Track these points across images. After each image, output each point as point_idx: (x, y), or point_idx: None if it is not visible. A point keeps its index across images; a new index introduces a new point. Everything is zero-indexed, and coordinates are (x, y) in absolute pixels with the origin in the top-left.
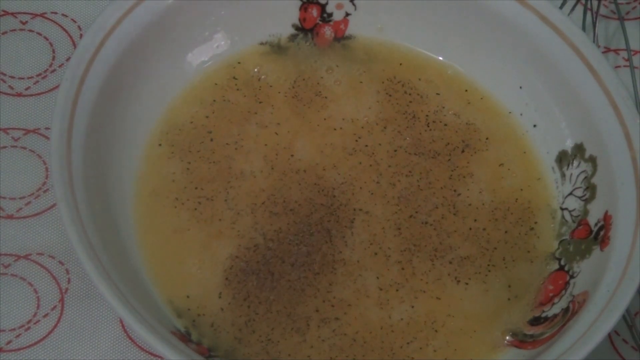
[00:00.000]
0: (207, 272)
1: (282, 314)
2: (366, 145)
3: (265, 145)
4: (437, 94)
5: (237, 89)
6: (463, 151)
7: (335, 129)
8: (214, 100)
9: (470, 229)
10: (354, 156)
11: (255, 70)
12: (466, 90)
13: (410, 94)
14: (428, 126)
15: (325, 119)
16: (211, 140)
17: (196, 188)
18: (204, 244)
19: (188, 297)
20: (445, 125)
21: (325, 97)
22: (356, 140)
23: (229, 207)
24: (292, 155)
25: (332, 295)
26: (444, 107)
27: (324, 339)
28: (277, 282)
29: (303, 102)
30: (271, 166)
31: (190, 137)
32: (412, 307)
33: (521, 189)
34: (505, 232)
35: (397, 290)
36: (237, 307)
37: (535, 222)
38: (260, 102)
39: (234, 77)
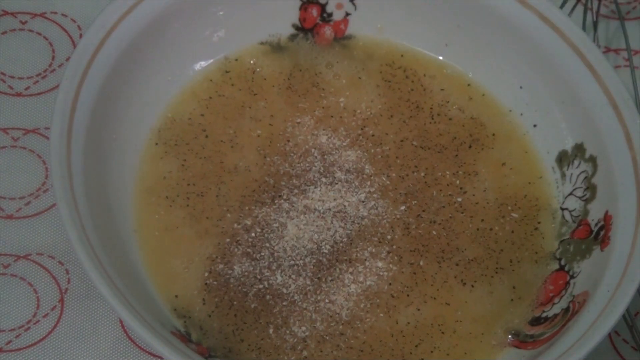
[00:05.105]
0: (192, 273)
1: (273, 325)
2: (373, 135)
3: (258, 136)
4: (442, 89)
5: (232, 84)
6: (470, 146)
7: (335, 118)
8: (210, 97)
9: (478, 229)
10: (357, 145)
11: (252, 62)
12: (469, 85)
13: (412, 81)
14: (432, 118)
15: (324, 108)
16: (206, 137)
17: (188, 184)
18: (191, 243)
19: (177, 297)
20: (450, 119)
21: (323, 89)
22: (361, 129)
23: (219, 203)
24: (288, 141)
25: (334, 307)
26: (448, 102)
27: (327, 354)
28: (264, 289)
29: (298, 93)
30: (264, 155)
31: (187, 135)
32: (419, 310)
33: (528, 184)
34: (512, 231)
35: (407, 295)
36: (224, 315)
37: (539, 222)
38: (254, 95)
39: (227, 71)
